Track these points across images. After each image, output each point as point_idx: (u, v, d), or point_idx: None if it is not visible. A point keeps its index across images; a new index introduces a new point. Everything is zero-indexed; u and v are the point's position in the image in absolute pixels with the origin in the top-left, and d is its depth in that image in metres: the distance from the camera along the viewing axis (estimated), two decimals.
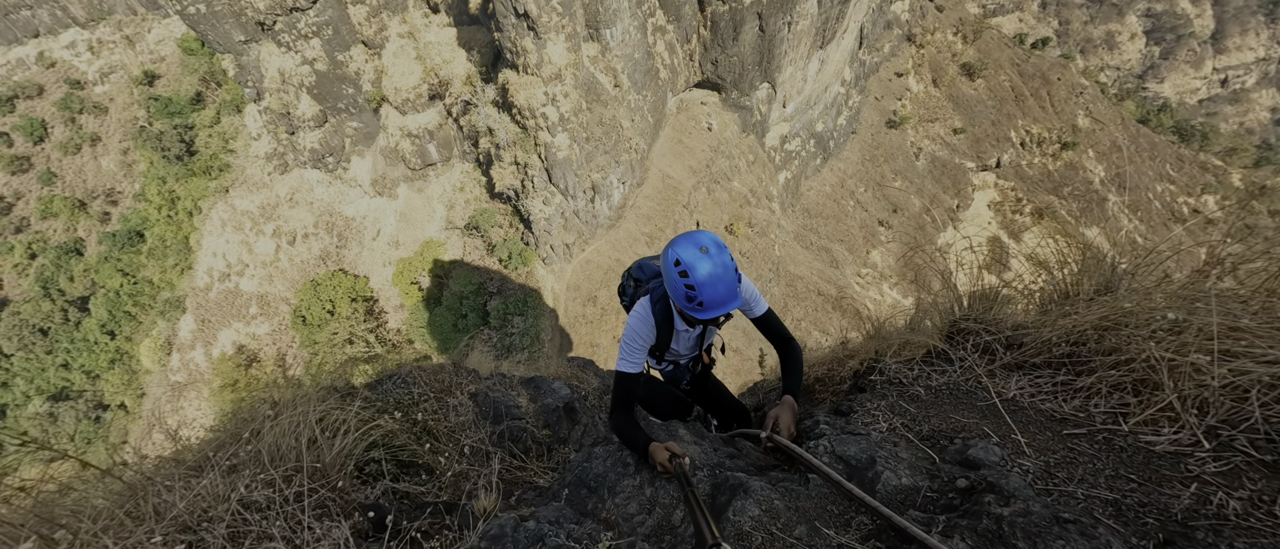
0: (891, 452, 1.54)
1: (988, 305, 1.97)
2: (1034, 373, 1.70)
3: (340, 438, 2.50)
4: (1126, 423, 1.40)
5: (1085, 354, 1.59)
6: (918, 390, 1.87)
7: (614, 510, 1.71)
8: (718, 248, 1.98)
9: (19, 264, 38.21)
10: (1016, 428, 1.49)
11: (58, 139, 42.35)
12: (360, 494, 2.37)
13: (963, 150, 50.81)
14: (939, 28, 51.99)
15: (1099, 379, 1.52)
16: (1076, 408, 1.52)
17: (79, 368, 34.95)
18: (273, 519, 1.74)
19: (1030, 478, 1.33)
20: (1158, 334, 1.42)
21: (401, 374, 4.75)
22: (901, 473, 1.43)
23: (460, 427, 4.11)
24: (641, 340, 2.35)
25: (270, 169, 35.53)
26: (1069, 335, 1.65)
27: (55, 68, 43.94)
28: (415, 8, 34.33)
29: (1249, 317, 1.35)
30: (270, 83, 33.88)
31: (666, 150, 35.25)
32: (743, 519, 1.36)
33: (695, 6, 35.08)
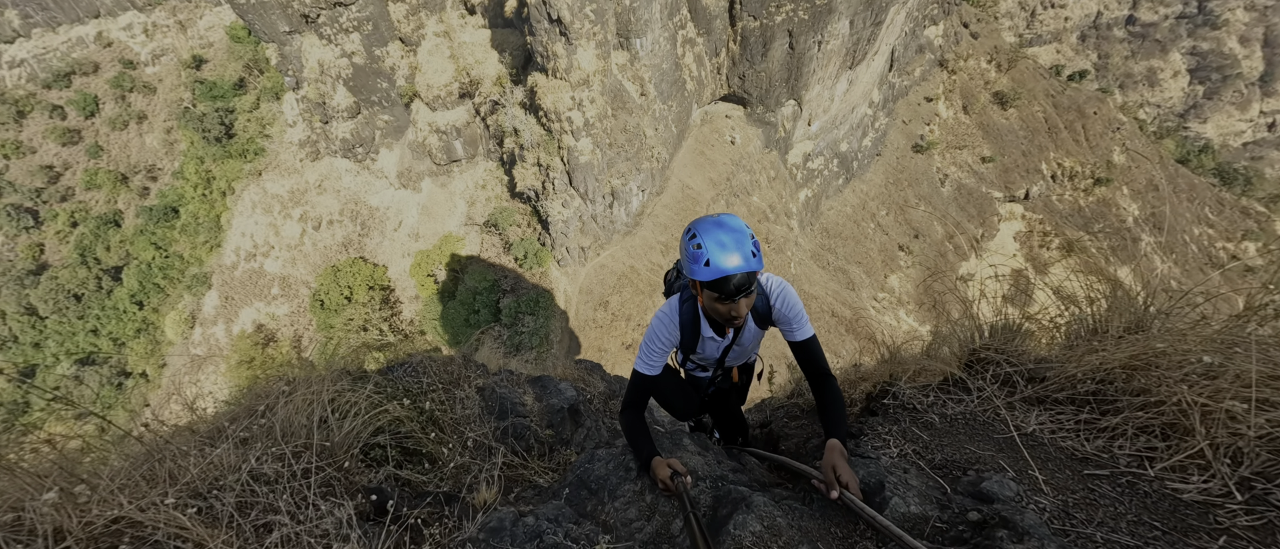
0: (901, 478, 1.49)
1: (1010, 336, 1.90)
2: (1056, 409, 1.64)
3: (350, 420, 2.54)
4: (1153, 468, 1.34)
5: (1112, 393, 1.52)
6: (932, 418, 1.81)
7: (613, 514, 1.70)
8: (734, 220, 1.95)
9: (61, 231, 39.92)
10: (1034, 464, 1.43)
11: (107, 115, 44.33)
12: (364, 476, 2.41)
13: (991, 179, 49.83)
14: (973, 55, 51.33)
15: (1125, 420, 1.45)
16: (1099, 448, 1.45)
17: (107, 334, 36.21)
18: (280, 493, 1.77)
19: (1046, 516, 1.27)
20: (1191, 378, 1.35)
21: (412, 363, 4.82)
22: (911, 501, 1.38)
23: (465, 419, 4.14)
24: (662, 342, 2.24)
25: (302, 156, 36.59)
26: (1095, 373, 1.58)
27: (111, 47, 46.12)
28: (453, 8, 35.21)
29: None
30: (309, 73, 35.01)
31: (688, 161, 35.33)
32: (743, 534, 1.33)
33: (726, 21, 35.28)
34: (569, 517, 1.65)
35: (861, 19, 36.07)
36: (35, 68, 45.15)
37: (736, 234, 1.87)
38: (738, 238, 1.86)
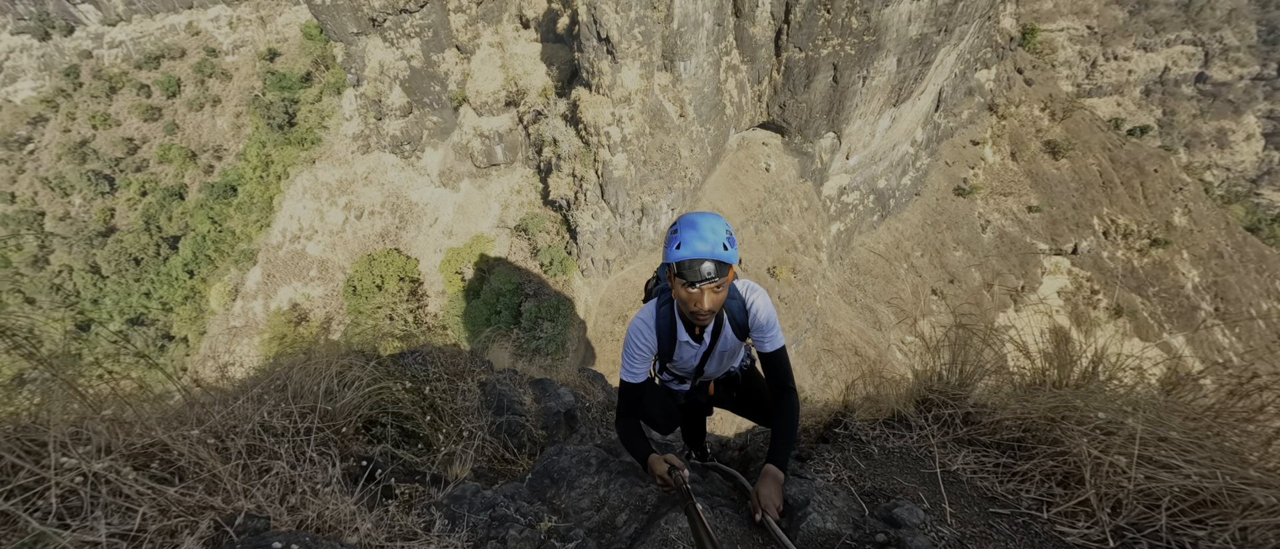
0: (827, 499, 1.58)
1: (961, 381, 1.96)
2: (982, 451, 1.72)
3: (351, 391, 2.78)
4: (1048, 512, 1.42)
5: (1031, 442, 1.60)
6: (872, 449, 1.90)
7: (568, 501, 1.83)
8: (715, 217, 2.02)
9: (132, 199, 43.15)
10: (948, 498, 1.52)
11: (187, 96, 48.04)
12: (361, 446, 2.62)
13: (1036, 230, 47.90)
14: (1025, 101, 49.94)
15: (1035, 466, 1.53)
16: (1009, 490, 1.54)
17: (158, 298, 38.67)
18: (283, 443, 1.99)
19: (943, 544, 1.34)
20: (1094, 433, 1.40)
21: (422, 352, 5.09)
22: (829, 519, 1.47)
23: (464, 411, 4.35)
24: (639, 348, 2.26)
25: (354, 148, 38.63)
26: (1021, 421, 1.65)
27: (199, 36, 50.19)
28: (508, 21, 36.86)
29: (1179, 431, 1.36)
30: (370, 72, 37.15)
31: (721, 184, 35.47)
32: (671, 529, 1.45)
33: (771, 51, 35.61)
34: (525, 497, 1.79)
35: (910, 58, 35.78)
36: (131, 49, 49.51)
37: (713, 227, 1.96)
38: (713, 229, 1.94)
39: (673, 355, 2.39)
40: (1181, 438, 1.34)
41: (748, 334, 2.31)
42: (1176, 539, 1.23)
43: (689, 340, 2.31)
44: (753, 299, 2.26)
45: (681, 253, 1.91)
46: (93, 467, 1.38)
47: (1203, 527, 1.23)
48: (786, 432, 1.99)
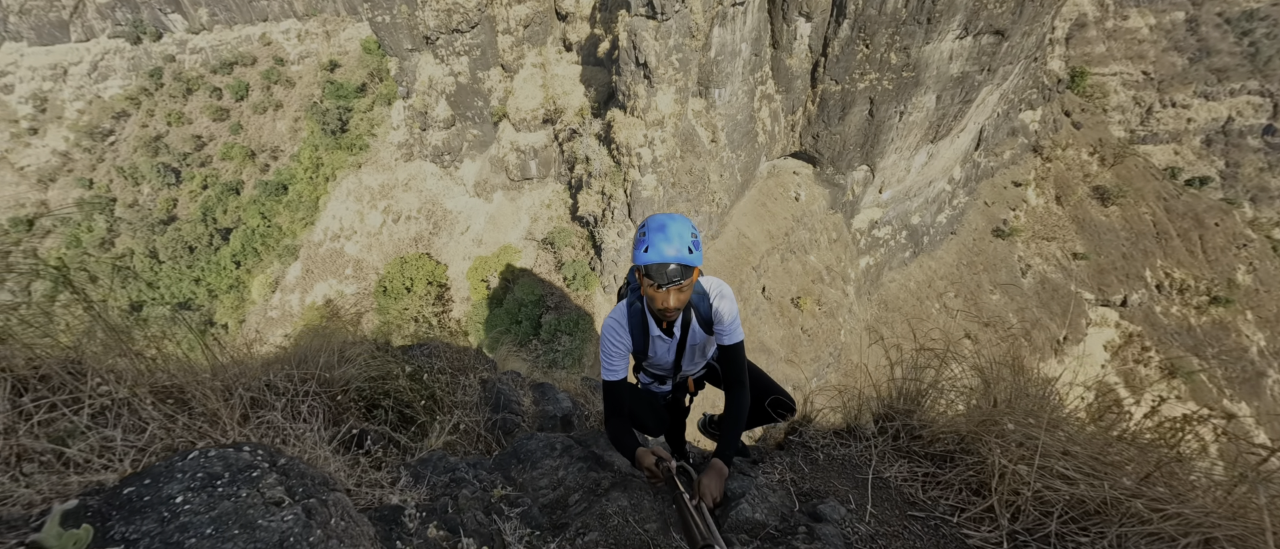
0: (763, 494, 1.63)
1: (914, 397, 2.00)
2: (916, 462, 1.79)
3: (350, 366, 2.98)
4: (958, 517, 1.48)
5: (960, 454, 1.62)
6: (818, 456, 1.96)
7: (527, 478, 1.92)
8: (682, 220, 2.10)
9: (193, 191, 46.33)
10: (873, 501, 1.56)
11: (253, 100, 51.71)
12: (356, 419, 2.80)
13: (1082, 278, 45.60)
14: (1073, 144, 48.23)
15: (955, 475, 1.61)
16: (930, 496, 1.61)
17: (206, 285, 41.02)
18: (281, 401, 2.18)
19: (856, 538, 1.39)
20: (1011, 446, 1.43)
21: (430, 346, 5.31)
22: (759, 510, 1.53)
23: (464, 404, 4.50)
24: (615, 345, 2.33)
25: (398, 156, 40.58)
26: (954, 435, 1.68)
27: (270, 46, 54.24)
28: (552, 44, 38.43)
29: (1080, 445, 1.42)
30: (420, 85, 39.24)
31: (748, 210, 35.41)
32: (609, 504, 1.53)
33: (807, 82, 35.78)
34: (487, 468, 1.90)
35: (950, 95, 35.29)
36: (209, 55, 53.88)
37: (679, 231, 2.04)
38: (679, 233, 2.02)
39: (648, 352, 2.48)
40: (1084, 453, 1.41)
41: (711, 328, 2.40)
42: (1063, 544, 1.30)
43: (660, 334, 2.40)
44: (717, 295, 2.37)
45: (648, 257, 2.01)
46: (119, 392, 1.64)
47: (1087, 533, 1.30)
48: (732, 430, 2.08)
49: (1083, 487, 1.31)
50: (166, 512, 1.03)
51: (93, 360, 1.73)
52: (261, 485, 1.13)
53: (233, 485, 1.11)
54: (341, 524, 1.14)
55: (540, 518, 1.64)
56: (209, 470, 1.13)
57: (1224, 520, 1.15)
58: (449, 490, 1.57)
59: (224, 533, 1.01)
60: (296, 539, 1.02)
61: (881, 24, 31.68)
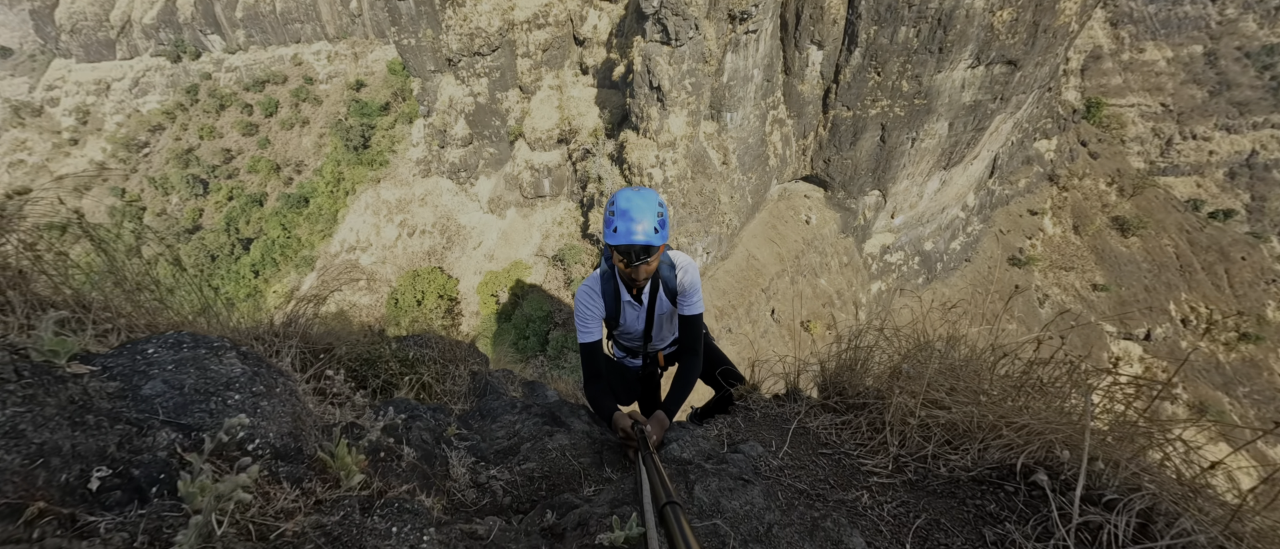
0: (693, 441, 1.72)
1: (849, 367, 2.11)
2: (837, 414, 1.95)
3: (336, 339, 3.11)
4: (859, 451, 1.58)
5: (873, 402, 1.73)
6: (755, 414, 2.09)
7: (486, 430, 2.01)
8: (649, 195, 2.17)
9: (219, 202, 47.94)
10: (789, 443, 1.68)
11: (281, 117, 53.82)
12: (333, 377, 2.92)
13: (1102, 310, 44.44)
14: (1090, 174, 47.69)
15: (863, 419, 1.78)
16: (842, 439, 1.76)
17: (224, 294, 42.00)
18: (263, 347, 2.31)
19: (766, 469, 1.50)
20: (908, 385, 1.55)
21: (424, 337, 5.41)
22: (687, 450, 1.62)
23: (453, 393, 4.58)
24: (589, 309, 2.47)
25: (416, 172, 41.68)
26: (871, 389, 1.80)
27: (300, 66, 56.72)
28: (569, 68, 39.61)
29: (963, 380, 1.64)
30: (440, 105, 40.59)
31: (759, 232, 35.46)
32: (551, 442, 1.60)
33: (818, 107, 36.21)
34: (446, 417, 1.97)
35: (962, 123, 35.38)
36: (243, 74, 56.47)
37: (643, 210, 2.12)
38: (645, 212, 2.12)
39: (619, 318, 2.63)
40: (964, 387, 1.61)
41: (676, 299, 2.56)
42: (938, 462, 1.48)
43: (630, 300, 2.55)
44: (681, 266, 2.53)
45: (617, 237, 2.14)
46: (118, 322, 1.79)
47: (956, 451, 1.49)
48: (680, 389, 2.23)
49: (955, 412, 1.48)
50: (139, 356, 1.22)
51: (100, 297, 1.88)
52: (221, 354, 1.31)
53: (196, 348, 1.29)
54: (285, 393, 1.27)
55: (489, 455, 1.72)
56: (179, 340, 1.35)
57: (1060, 427, 1.30)
58: (405, 424, 1.66)
59: (181, 370, 1.21)
60: (242, 386, 1.17)
61: (893, 53, 32.11)
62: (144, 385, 1.09)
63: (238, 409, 1.15)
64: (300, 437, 1.23)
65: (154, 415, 1.04)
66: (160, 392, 1.10)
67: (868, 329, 2.12)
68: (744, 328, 33.16)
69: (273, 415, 1.19)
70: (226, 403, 1.14)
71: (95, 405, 0.98)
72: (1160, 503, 1.10)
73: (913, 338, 1.93)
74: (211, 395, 1.15)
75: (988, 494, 1.33)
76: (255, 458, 1.06)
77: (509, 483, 1.57)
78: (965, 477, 1.37)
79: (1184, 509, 1.10)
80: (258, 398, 1.19)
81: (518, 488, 1.57)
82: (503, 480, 1.58)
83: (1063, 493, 1.19)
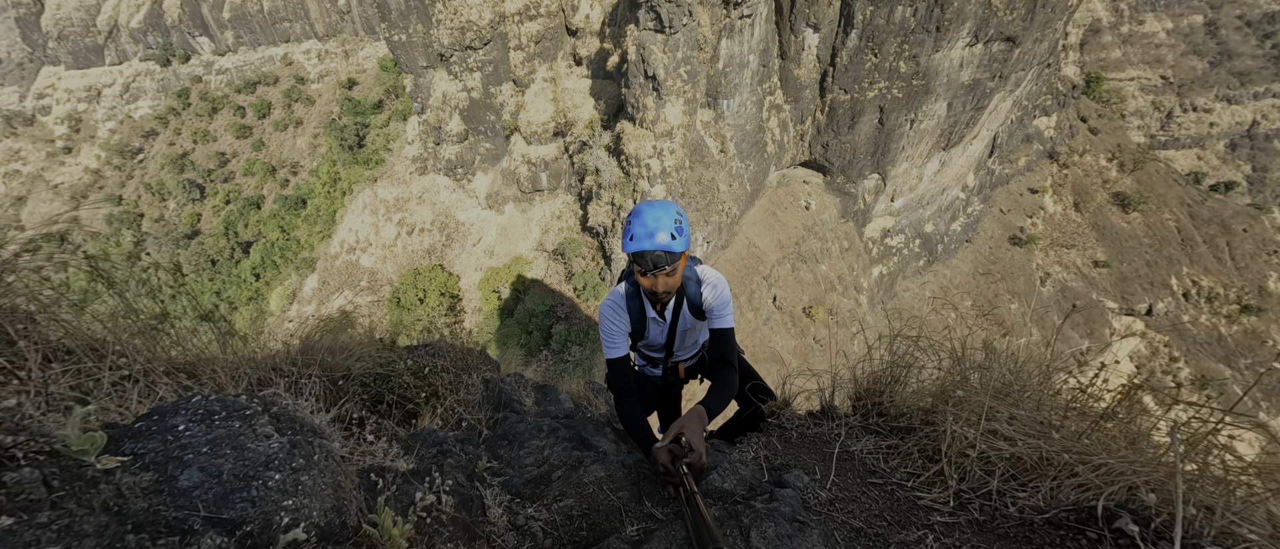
0: (734, 467, 1.68)
1: (887, 380, 2.05)
2: (881, 436, 1.85)
3: (351, 357, 3.10)
4: (912, 481, 1.53)
5: (921, 426, 1.67)
6: (792, 434, 2.02)
7: (514, 457, 2.00)
8: (668, 207, 2.13)
9: (217, 206, 47.71)
10: (836, 471, 1.62)
11: (274, 118, 53.33)
12: (356, 406, 2.92)
13: (1104, 287, 44.49)
14: (1090, 150, 47.42)
15: (913, 444, 1.68)
16: (890, 465, 1.68)
17: (226, 298, 42.01)
18: (284, 380, 2.30)
19: (815, 502, 1.45)
20: (963, 412, 1.50)
21: (435, 346, 5.41)
22: (728, 480, 1.58)
23: (466, 403, 4.57)
24: (614, 325, 2.44)
25: (413, 169, 41.42)
26: (917, 409, 1.74)
27: (291, 66, 56.07)
28: (563, 59, 39.15)
29: (1024, 409, 1.50)
30: (434, 101, 40.19)
31: (758, 220, 35.35)
32: (586, 474, 1.59)
33: (815, 92, 35.89)
34: (472, 443, 1.96)
35: (961, 103, 35.10)
36: (234, 76, 55.85)
37: (659, 219, 2.08)
38: (663, 221, 2.07)
39: (644, 332, 2.60)
40: (1027, 416, 1.48)
41: (704, 314, 2.52)
42: (1004, 499, 1.38)
43: (655, 316, 2.52)
44: (708, 282, 2.49)
45: (633, 246, 2.10)
46: (135, 366, 1.77)
47: (1025, 488, 1.38)
48: (722, 390, 2.13)
49: (1021, 445, 1.37)
50: (170, 436, 1.16)
51: (113, 341, 1.86)
52: (254, 422, 1.24)
53: (229, 420, 1.24)
54: (323, 460, 1.24)
55: (521, 488, 1.71)
56: (209, 409, 1.27)
57: (1144, 469, 1.20)
58: (435, 460, 1.65)
59: (217, 452, 1.15)
60: (281, 462, 1.13)
61: (890, 33, 31.74)
62: (180, 476, 1.06)
63: (279, 491, 1.11)
64: (343, 507, 1.21)
65: (195, 512, 1.01)
66: (198, 482, 1.07)
67: (899, 335, 2.06)
68: (747, 316, 33.21)
69: (314, 490, 1.17)
70: (268, 486, 1.11)
71: (132, 509, 0.94)
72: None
73: (949, 348, 1.86)
74: (252, 480, 1.11)
75: (1068, 540, 1.24)
76: (301, 547, 1.04)
77: (548, 523, 1.54)
78: (1039, 519, 1.28)
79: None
80: (298, 473, 1.17)
81: (558, 528, 1.54)
82: (541, 521, 1.55)
83: (1154, 543, 1.11)
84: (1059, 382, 1.64)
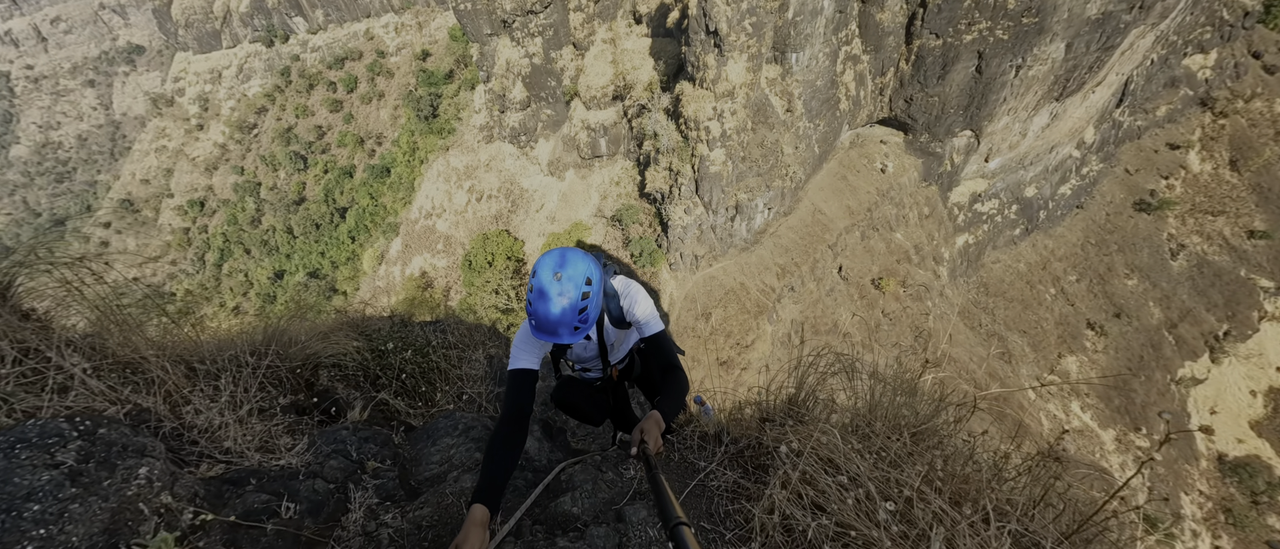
0: (598, 488, 1.57)
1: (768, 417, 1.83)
2: (745, 473, 1.78)
3: (316, 342, 3.26)
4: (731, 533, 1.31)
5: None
6: (674, 458, 1.88)
7: (416, 456, 2.04)
8: (573, 271, 1.94)
9: (317, 175, 52.97)
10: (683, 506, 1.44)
11: (361, 92, 57.47)
12: (302, 393, 3.08)
13: (1258, 262, 37.11)
14: (1262, 94, 38.70)
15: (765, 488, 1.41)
16: (733, 510, 1.56)
17: (329, 258, 47.15)
18: (243, 371, 2.43)
19: (632, 542, 1.33)
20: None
21: (444, 323, 5.67)
22: (578, 505, 1.48)
23: (469, 377, 4.77)
24: (526, 345, 2.23)
25: (480, 138, 43.10)
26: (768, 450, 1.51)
27: (372, 41, 59.64)
28: (622, 18, 38.04)
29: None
30: (498, 69, 41.04)
31: (826, 184, 33.09)
32: (451, 486, 1.56)
33: (900, 37, 32.12)
34: (379, 443, 2.03)
35: (1085, 42, 29.86)
36: (325, 53, 60.53)
37: (564, 299, 1.91)
38: (564, 302, 1.91)
39: (567, 352, 2.55)
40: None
41: (625, 324, 2.45)
42: None
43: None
44: (626, 297, 2.41)
45: (533, 330, 1.95)
46: (72, 359, 1.91)
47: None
48: (673, 393, 2.06)
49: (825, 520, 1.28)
50: None
51: (61, 330, 2.01)
52: (56, 450, 1.27)
53: (29, 449, 1.26)
54: (118, 485, 1.27)
55: (397, 491, 1.73)
56: (23, 436, 1.30)
57: None
58: (327, 459, 1.70)
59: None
60: (45, 494, 1.16)
61: None
62: None
63: (34, 521, 1.11)
64: (118, 530, 1.21)
65: None
66: None
67: (824, 354, 1.79)
68: (808, 286, 31.73)
69: (83, 517, 1.17)
70: (21, 517, 1.11)
71: None
72: None
73: (870, 367, 1.59)
74: (9, 512, 1.12)
75: None
76: None
77: (397, 530, 1.54)
78: None
79: None
80: (65, 503, 1.17)
81: (404, 537, 1.53)
82: (392, 528, 1.55)
83: None
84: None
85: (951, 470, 1.25)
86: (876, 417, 1.49)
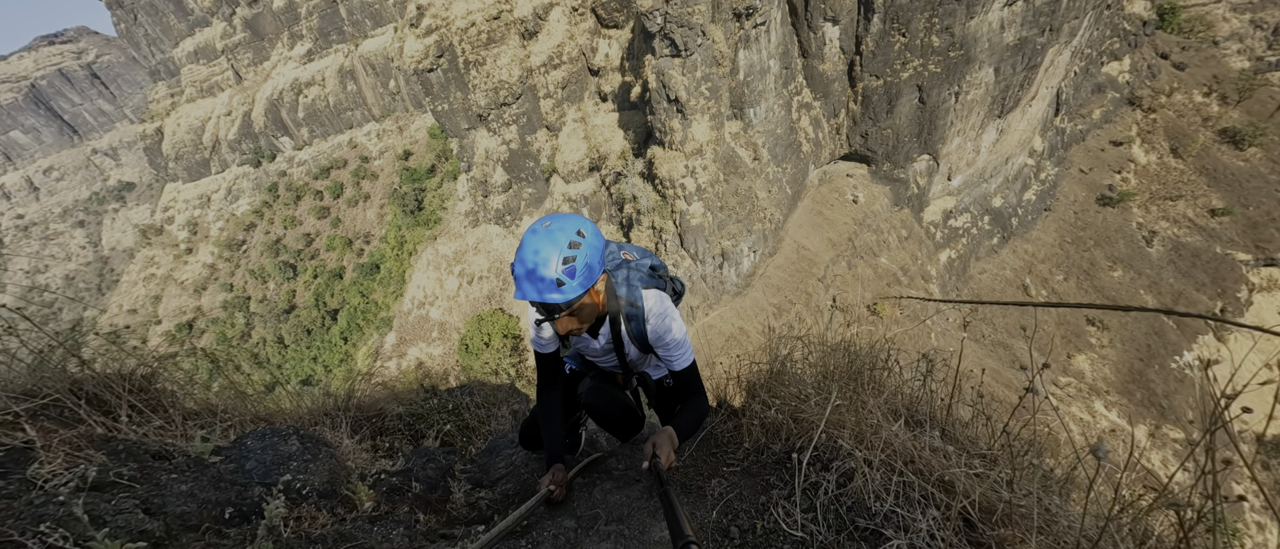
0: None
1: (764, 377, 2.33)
2: (736, 417, 2.32)
3: (395, 403, 3.68)
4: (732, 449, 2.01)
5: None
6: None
7: (486, 465, 2.46)
8: (563, 230, 1.76)
9: (307, 282, 53.33)
10: (697, 447, 1.77)
11: (346, 196, 59.42)
12: (387, 438, 3.45)
13: (1228, 237, 38.54)
14: (1180, 88, 42.09)
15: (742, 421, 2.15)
16: (728, 437, 2.15)
17: (322, 362, 46.40)
18: (328, 420, 2.89)
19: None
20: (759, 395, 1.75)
21: (469, 386, 5.93)
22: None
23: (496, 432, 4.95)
24: (533, 321, 2.22)
25: (466, 223, 44.40)
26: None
27: (356, 148, 62.63)
28: (589, 98, 40.93)
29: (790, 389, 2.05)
30: (478, 158, 43.23)
31: (804, 221, 34.34)
32: (528, 472, 1.85)
33: (845, 83, 34.90)
34: (458, 455, 2.36)
35: (1010, 64, 32.70)
36: (311, 165, 63.15)
37: (543, 258, 1.73)
38: (543, 260, 1.73)
39: (567, 342, 2.19)
40: (789, 393, 2.06)
41: (650, 348, 2.15)
42: (765, 453, 1.95)
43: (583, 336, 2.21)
44: (655, 315, 2.07)
45: (517, 293, 1.78)
46: (232, 418, 2.55)
47: (777, 442, 1.94)
48: (692, 415, 2.03)
49: (775, 412, 1.97)
50: (243, 447, 2.01)
51: (219, 403, 2.72)
52: (287, 440, 2.14)
53: (272, 439, 2.12)
54: (326, 458, 2.11)
55: (485, 481, 2.20)
56: (262, 433, 2.14)
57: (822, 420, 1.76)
58: (424, 464, 2.13)
59: (265, 452, 2.03)
60: (296, 457, 2.05)
61: (915, 10, 30.49)
62: (247, 463, 1.93)
63: (295, 471, 1.96)
64: (335, 483, 2.05)
65: (252, 480, 1.88)
66: (254, 467, 1.93)
67: (793, 339, 2.26)
68: (806, 321, 31.93)
69: (316, 471, 2.02)
70: (289, 468, 1.95)
71: (224, 478, 1.82)
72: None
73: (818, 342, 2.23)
74: (281, 465, 1.97)
75: (778, 469, 1.82)
76: (304, 498, 1.90)
77: (491, 501, 2.14)
78: (771, 460, 1.84)
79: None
80: (306, 462, 2.03)
81: (498, 503, 2.13)
82: (488, 499, 2.15)
83: (812, 465, 1.71)
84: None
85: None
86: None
